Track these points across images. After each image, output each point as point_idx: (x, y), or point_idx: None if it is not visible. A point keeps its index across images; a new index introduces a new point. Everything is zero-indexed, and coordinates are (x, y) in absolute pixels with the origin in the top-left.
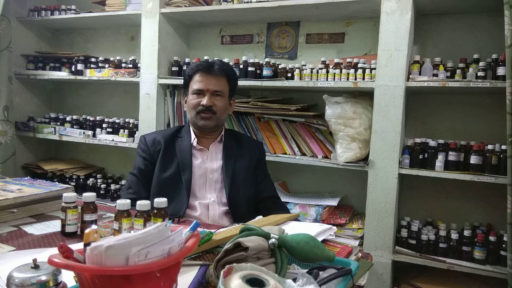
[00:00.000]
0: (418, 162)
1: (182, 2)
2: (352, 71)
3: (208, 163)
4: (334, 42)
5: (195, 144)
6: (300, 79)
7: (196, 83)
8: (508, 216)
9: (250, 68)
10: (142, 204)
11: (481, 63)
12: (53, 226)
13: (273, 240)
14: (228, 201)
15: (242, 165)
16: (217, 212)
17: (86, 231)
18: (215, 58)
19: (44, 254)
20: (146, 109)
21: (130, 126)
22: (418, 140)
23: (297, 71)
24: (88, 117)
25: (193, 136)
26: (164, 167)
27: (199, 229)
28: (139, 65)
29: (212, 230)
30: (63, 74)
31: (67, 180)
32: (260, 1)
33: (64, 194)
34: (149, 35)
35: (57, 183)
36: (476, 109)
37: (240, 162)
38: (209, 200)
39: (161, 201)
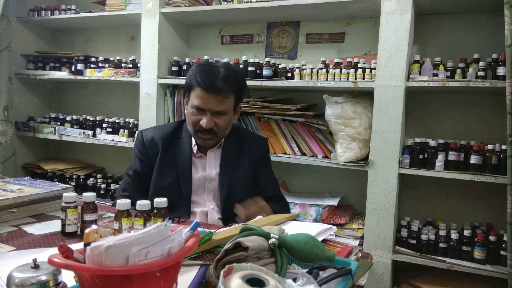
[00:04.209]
0: (418, 162)
1: (182, 2)
2: (352, 71)
3: (207, 171)
4: (334, 42)
5: (195, 151)
6: (300, 79)
7: (196, 99)
8: (508, 216)
9: (250, 68)
10: (142, 204)
11: (481, 63)
12: (53, 226)
13: (273, 240)
14: (222, 212)
15: (241, 171)
16: (216, 220)
17: (86, 231)
18: (217, 60)
19: (44, 254)
20: (146, 109)
21: (130, 126)
22: (418, 140)
23: (297, 71)
24: (88, 117)
25: (193, 141)
26: (162, 173)
27: (199, 229)
28: (139, 65)
29: (212, 230)
30: (63, 74)
31: (67, 180)
32: (260, 1)
33: (64, 194)
34: (149, 35)
35: (57, 183)
36: (476, 109)
37: (239, 168)
38: (208, 208)
39: (161, 201)
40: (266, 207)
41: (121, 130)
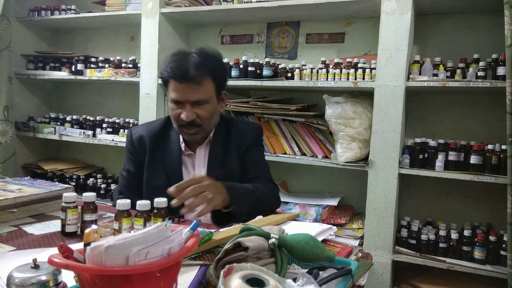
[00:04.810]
0: (418, 162)
1: (182, 2)
2: (352, 71)
3: (195, 171)
4: (334, 42)
5: (183, 148)
6: (300, 79)
7: (172, 91)
8: (508, 216)
9: (250, 68)
10: (142, 204)
11: (481, 63)
12: (53, 226)
13: (273, 240)
14: (216, 215)
15: (229, 165)
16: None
17: (86, 231)
18: (196, 49)
19: (44, 254)
20: (146, 109)
21: (130, 126)
22: (418, 140)
23: (297, 71)
24: (88, 117)
25: (181, 138)
26: (152, 174)
27: (199, 229)
28: (139, 65)
29: (212, 230)
30: (63, 74)
31: (67, 180)
32: (260, 1)
33: (64, 194)
34: (149, 35)
35: (57, 183)
36: (476, 109)
37: (226, 163)
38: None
39: (161, 201)
40: (206, 182)
41: (121, 130)
